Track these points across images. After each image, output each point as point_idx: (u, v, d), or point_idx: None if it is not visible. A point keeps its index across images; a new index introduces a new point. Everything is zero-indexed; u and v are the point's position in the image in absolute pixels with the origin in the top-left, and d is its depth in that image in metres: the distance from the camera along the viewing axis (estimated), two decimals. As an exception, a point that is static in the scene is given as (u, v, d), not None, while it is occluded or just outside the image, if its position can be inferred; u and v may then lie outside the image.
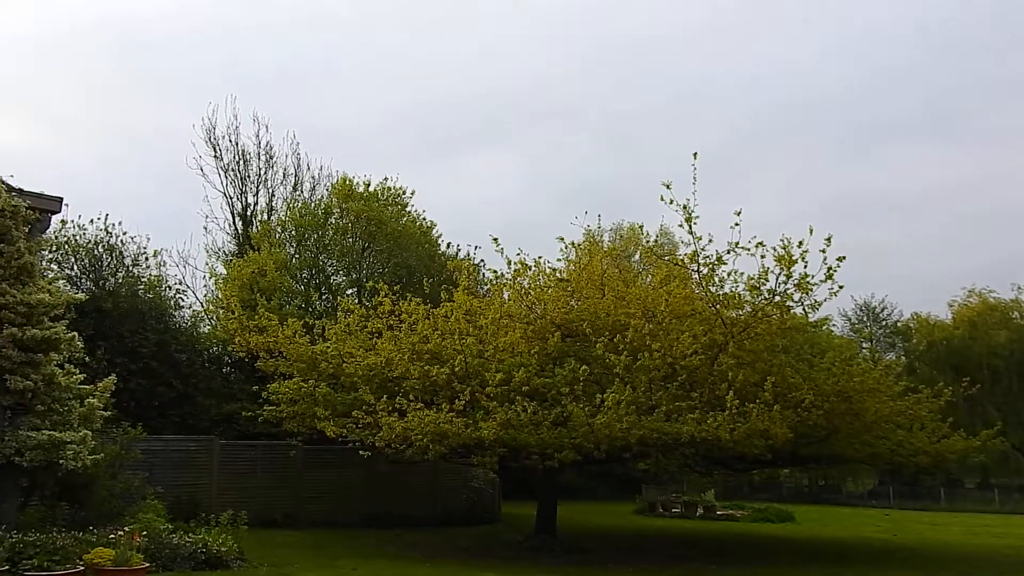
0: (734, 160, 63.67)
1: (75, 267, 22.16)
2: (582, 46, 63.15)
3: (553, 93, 63.38)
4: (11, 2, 51.55)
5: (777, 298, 14.61)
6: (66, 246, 22.01)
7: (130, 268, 23.05)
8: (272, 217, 29.12)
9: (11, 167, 12.95)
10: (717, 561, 16.18)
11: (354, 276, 26.23)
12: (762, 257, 14.19)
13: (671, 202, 13.94)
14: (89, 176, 45.40)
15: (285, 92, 51.62)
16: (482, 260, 27.40)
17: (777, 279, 14.37)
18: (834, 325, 33.60)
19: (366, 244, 26.04)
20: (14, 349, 10.91)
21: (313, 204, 28.04)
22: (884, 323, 46.61)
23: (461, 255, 27.52)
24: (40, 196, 11.83)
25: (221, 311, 23.27)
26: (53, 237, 20.87)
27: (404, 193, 27.25)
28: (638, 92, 64.13)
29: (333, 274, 26.87)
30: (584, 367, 14.38)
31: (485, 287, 23.48)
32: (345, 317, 17.62)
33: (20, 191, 11.57)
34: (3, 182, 11.39)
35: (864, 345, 42.07)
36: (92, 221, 22.76)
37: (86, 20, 52.72)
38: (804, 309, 15.24)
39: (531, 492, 20.18)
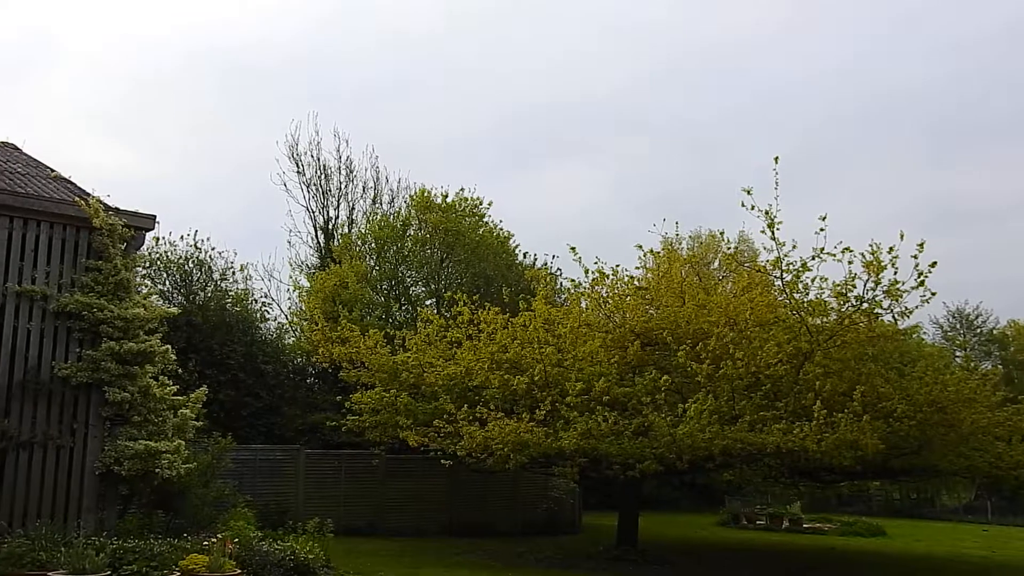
0: (812, 165, 62.05)
1: (167, 282, 23.01)
2: (655, 54, 62.60)
3: (627, 102, 62.92)
4: (120, 39, 54.04)
5: (865, 305, 14.19)
6: (159, 262, 22.87)
7: (218, 282, 23.82)
8: (352, 230, 29.73)
9: (116, 190, 13.42)
10: (804, 574, 15.74)
11: (433, 287, 26.52)
12: (849, 263, 13.83)
13: (752, 208, 13.70)
14: (186, 196, 47.20)
15: (364, 107, 52.68)
16: (559, 269, 27.44)
17: (865, 285, 13.97)
18: (925, 333, 32.42)
19: (444, 255, 26.32)
20: (112, 362, 11.35)
21: (392, 216, 28.50)
22: (979, 331, 44.66)
23: (538, 264, 27.56)
24: (135, 214, 12.27)
25: (305, 323, 23.90)
26: (147, 254, 21.70)
27: (481, 204, 27.44)
28: (712, 99, 63.03)
29: (412, 285, 27.23)
30: (665, 376, 14.21)
31: (563, 296, 23.47)
32: (425, 327, 17.83)
33: (116, 210, 12.05)
34: (101, 202, 11.89)
35: (957, 354, 40.38)
36: (182, 238, 23.64)
37: (185, 53, 54.99)
38: (894, 316, 14.74)
39: (612, 502, 20.02)
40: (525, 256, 28.03)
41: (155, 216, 12.56)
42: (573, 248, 16.15)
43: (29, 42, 55.12)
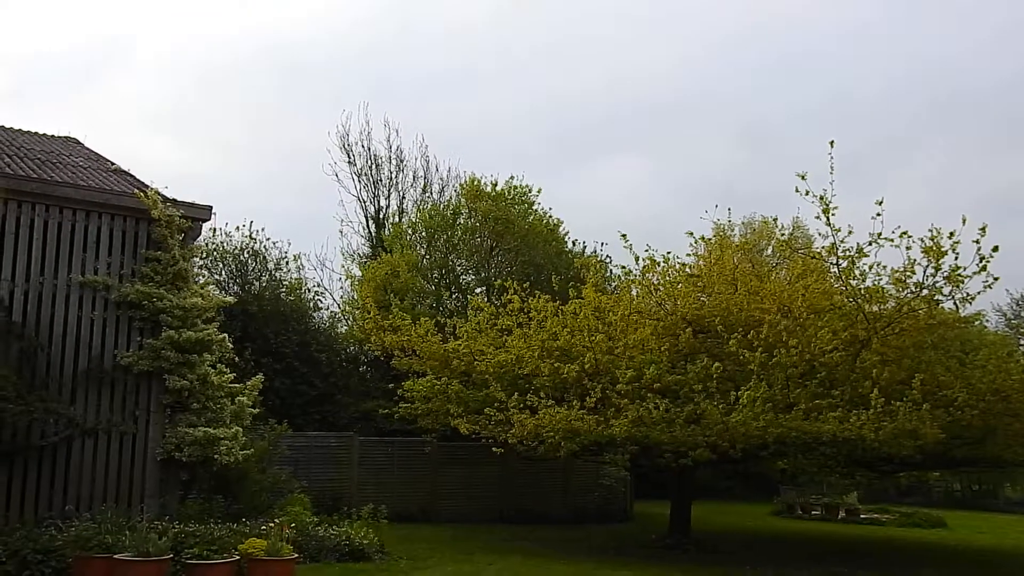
0: (878, 157, 60.34)
1: (223, 272, 23.45)
2: (707, 38, 61.63)
3: (682, 90, 62.02)
4: (186, 38, 55.05)
5: (925, 292, 13.84)
6: (215, 252, 23.32)
7: (273, 272, 24.21)
8: (403, 219, 29.95)
9: (175, 183, 13.76)
10: (862, 566, 15.46)
11: (483, 275, 26.59)
12: (908, 249, 13.46)
13: (807, 193, 13.42)
14: (244, 188, 48.07)
15: (414, 96, 52.81)
16: (608, 257, 27.29)
17: (925, 272, 13.61)
18: (987, 321, 31.55)
19: (494, 243, 26.34)
20: (172, 350, 11.64)
21: (442, 205, 28.63)
22: (1045, 318, 43.19)
23: (588, 252, 27.44)
24: (192, 205, 12.53)
25: (357, 312, 24.17)
26: (204, 244, 22.14)
27: (530, 191, 27.38)
28: (775, 90, 61.67)
29: (462, 273, 27.34)
30: (717, 364, 14.05)
31: (613, 284, 23.34)
32: (475, 315, 17.90)
33: (174, 201, 12.31)
34: (159, 194, 12.16)
35: (1022, 342, 39.19)
36: (238, 228, 24.08)
37: (248, 50, 55.87)
38: (955, 303, 14.34)
39: (664, 491, 19.90)
40: (575, 244, 27.93)
41: (211, 207, 12.80)
42: (624, 235, 16.05)
43: (94, 45, 56.54)
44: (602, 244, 27.73)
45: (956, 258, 13.25)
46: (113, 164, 14.08)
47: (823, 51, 60.21)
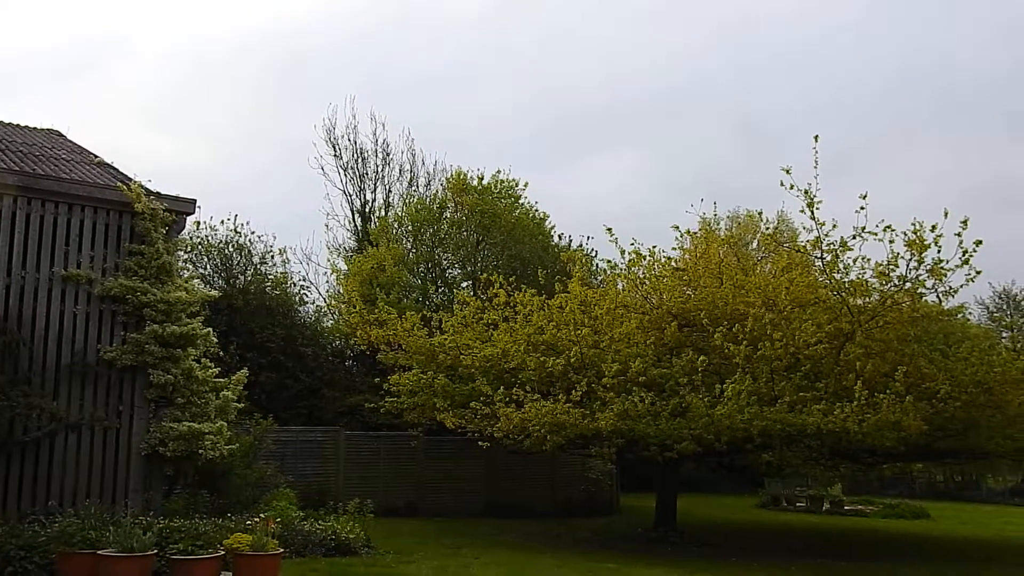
0: (875, 152, 60.48)
1: (208, 266, 23.33)
2: (699, 31, 61.65)
3: (676, 85, 61.95)
4: (183, 34, 54.70)
5: (908, 285, 13.95)
6: (199, 246, 23.18)
7: (258, 266, 24.10)
8: (389, 213, 29.85)
9: (170, 178, 13.66)
10: (847, 557, 15.59)
11: (469, 269, 26.57)
12: (891, 242, 13.59)
13: (791, 187, 13.50)
14: (235, 184, 47.82)
15: (405, 92, 52.59)
16: (594, 250, 27.34)
17: (908, 265, 13.72)
18: (970, 314, 31.85)
19: (480, 237, 26.31)
20: (156, 345, 11.55)
21: (428, 199, 28.56)
22: (1027, 311, 43.54)
23: (574, 246, 27.48)
24: (175, 199, 12.41)
25: (343, 306, 24.07)
26: (188, 238, 21.98)
27: (517, 185, 27.37)
28: (770, 85, 61.69)
29: (448, 267, 27.31)
30: (702, 357, 14.12)
31: (599, 277, 23.38)
32: (461, 309, 17.89)
33: (158, 194, 12.20)
34: (143, 187, 12.06)
35: (1004, 334, 39.48)
36: (223, 222, 23.96)
37: (244, 44, 55.57)
38: (938, 296, 14.47)
39: (650, 484, 19.98)
40: (561, 238, 27.96)
41: (195, 200, 12.70)
42: (609, 229, 16.11)
43: (89, 40, 56.04)
44: (588, 238, 27.82)
45: (939, 251, 13.41)
46: (96, 157, 13.96)
47: (820, 47, 60.37)
